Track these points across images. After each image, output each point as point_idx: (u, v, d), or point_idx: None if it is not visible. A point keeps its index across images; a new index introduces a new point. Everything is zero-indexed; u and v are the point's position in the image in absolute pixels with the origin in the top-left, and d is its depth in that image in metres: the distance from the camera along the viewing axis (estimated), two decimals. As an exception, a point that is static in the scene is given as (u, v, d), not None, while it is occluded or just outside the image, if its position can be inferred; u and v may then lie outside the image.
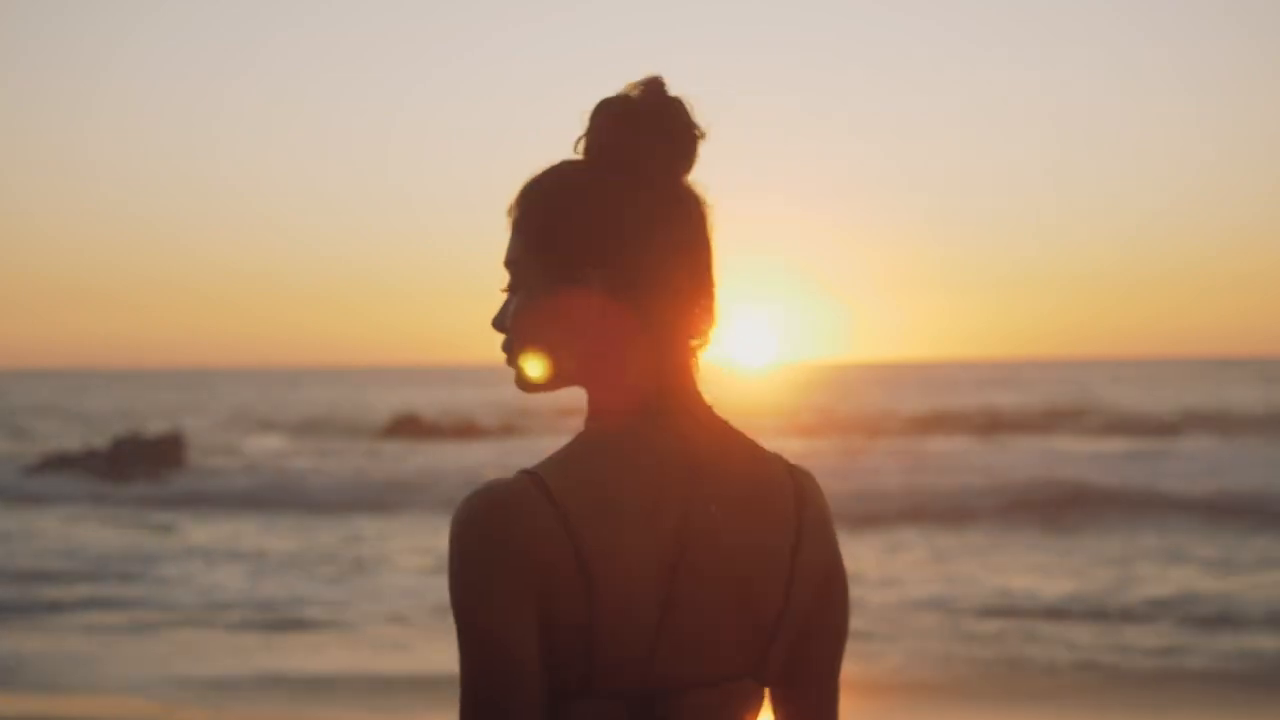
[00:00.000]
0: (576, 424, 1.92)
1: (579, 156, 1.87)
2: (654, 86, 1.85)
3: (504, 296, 1.89)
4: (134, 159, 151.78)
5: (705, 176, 1.91)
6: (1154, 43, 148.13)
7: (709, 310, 1.86)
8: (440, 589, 14.74)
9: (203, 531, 20.75)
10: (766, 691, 1.90)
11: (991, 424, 42.60)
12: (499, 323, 1.89)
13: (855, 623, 12.39)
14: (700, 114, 1.87)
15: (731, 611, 1.82)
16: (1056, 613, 13.09)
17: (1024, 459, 29.20)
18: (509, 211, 1.89)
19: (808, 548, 1.86)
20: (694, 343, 1.86)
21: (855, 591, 14.05)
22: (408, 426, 46.42)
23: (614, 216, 1.83)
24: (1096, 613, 13.07)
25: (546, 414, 48.92)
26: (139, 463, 30.25)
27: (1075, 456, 30.00)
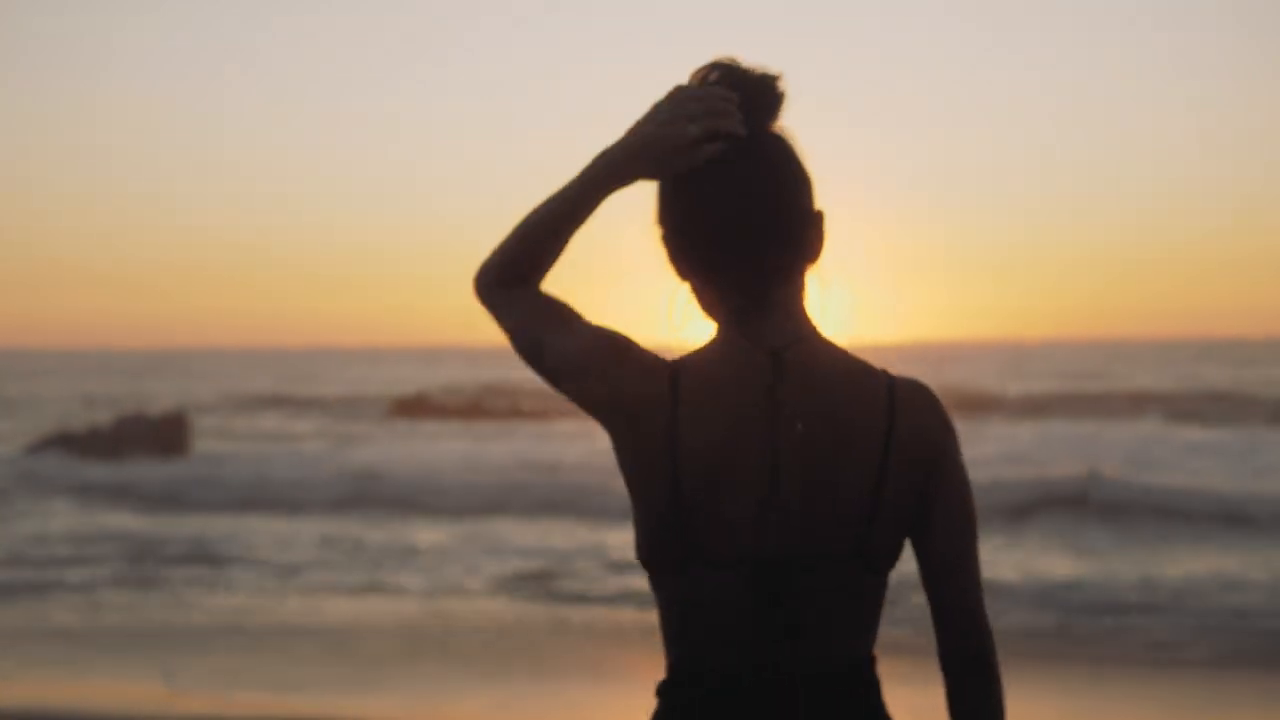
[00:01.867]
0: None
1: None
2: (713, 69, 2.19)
3: None
4: (140, 141, 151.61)
5: None
6: (1149, 29, 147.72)
7: (792, 237, 2.13)
8: (458, 593, 14.69)
9: (206, 516, 20.66)
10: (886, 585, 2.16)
11: (990, 405, 42.49)
12: None
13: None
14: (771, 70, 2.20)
15: (825, 496, 2.07)
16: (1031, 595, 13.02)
17: (1017, 442, 29.14)
18: None
19: (900, 447, 2.10)
20: (775, 269, 2.12)
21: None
22: (415, 406, 46.40)
23: (668, 180, 2.16)
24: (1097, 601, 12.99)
25: (548, 394, 48.69)
26: (142, 442, 30.14)
27: (1073, 440, 29.90)
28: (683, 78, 2.19)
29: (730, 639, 2.09)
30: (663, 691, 2.19)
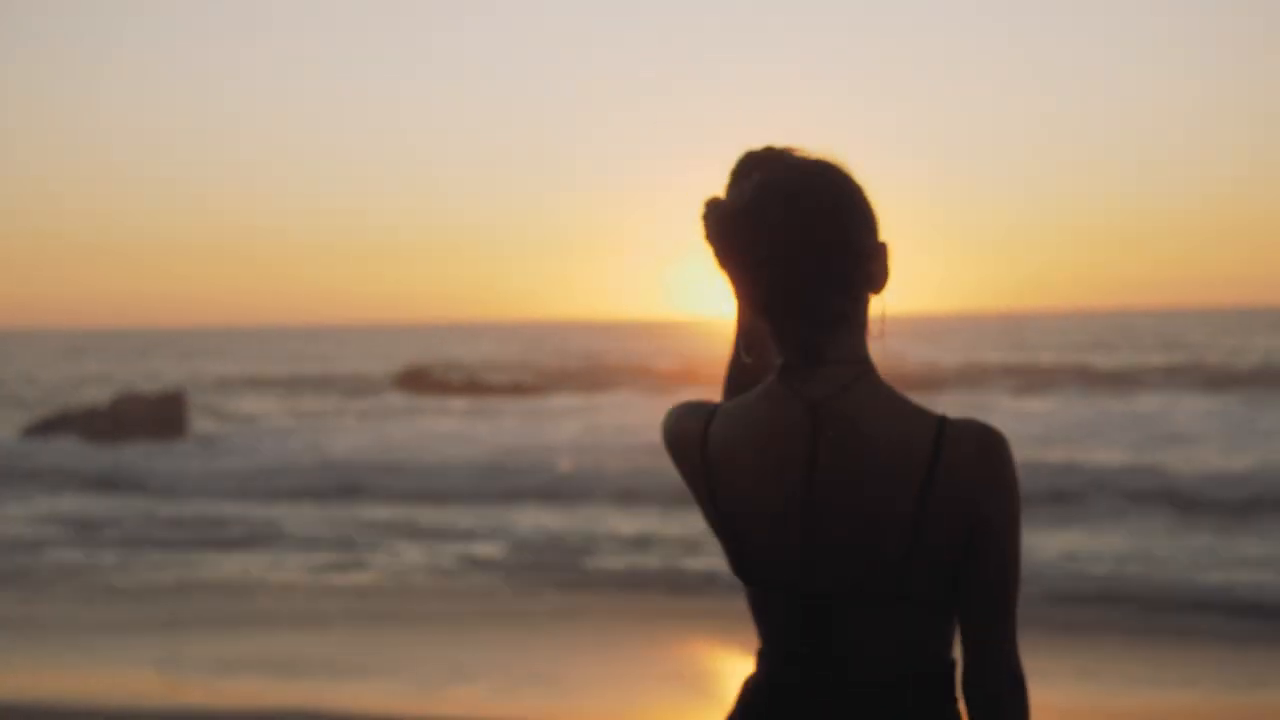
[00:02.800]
0: (582, 381, 2.07)
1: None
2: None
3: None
4: (144, 121, 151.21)
5: (707, 137, 2.08)
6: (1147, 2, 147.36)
7: (840, 276, 2.15)
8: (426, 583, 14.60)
9: (202, 499, 20.51)
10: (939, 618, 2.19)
11: (987, 376, 42.38)
12: None
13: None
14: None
15: (862, 539, 2.12)
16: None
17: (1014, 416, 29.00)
18: None
19: (941, 494, 2.11)
20: (836, 308, 2.16)
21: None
22: (416, 381, 46.37)
23: (718, 219, 2.19)
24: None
25: (554, 371, 48.68)
26: (140, 423, 29.96)
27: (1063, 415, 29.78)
28: (681, 49, 2.08)
29: (781, 649, 2.23)
30: (756, 663, 2.31)
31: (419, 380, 46.85)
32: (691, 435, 2.25)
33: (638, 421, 28.59)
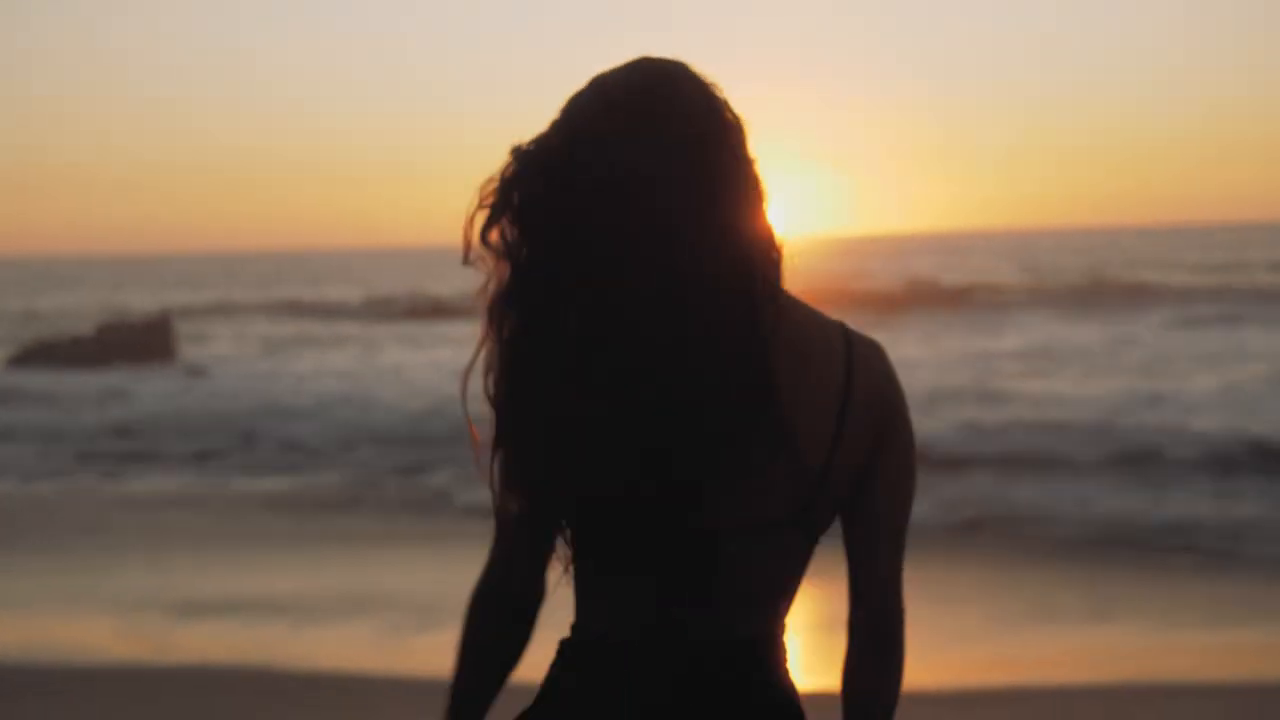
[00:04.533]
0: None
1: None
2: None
3: None
4: (151, 45, 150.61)
5: (706, 60, 1.97)
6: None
7: (705, 201, 1.90)
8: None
9: (182, 428, 20.00)
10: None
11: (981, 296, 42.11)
12: None
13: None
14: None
15: (778, 460, 1.95)
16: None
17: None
18: None
19: (857, 409, 1.99)
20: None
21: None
22: (409, 308, 46.35)
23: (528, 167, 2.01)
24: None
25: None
26: (125, 350, 29.54)
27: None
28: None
29: (634, 604, 2.01)
30: (562, 649, 2.11)
31: (412, 307, 46.73)
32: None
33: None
